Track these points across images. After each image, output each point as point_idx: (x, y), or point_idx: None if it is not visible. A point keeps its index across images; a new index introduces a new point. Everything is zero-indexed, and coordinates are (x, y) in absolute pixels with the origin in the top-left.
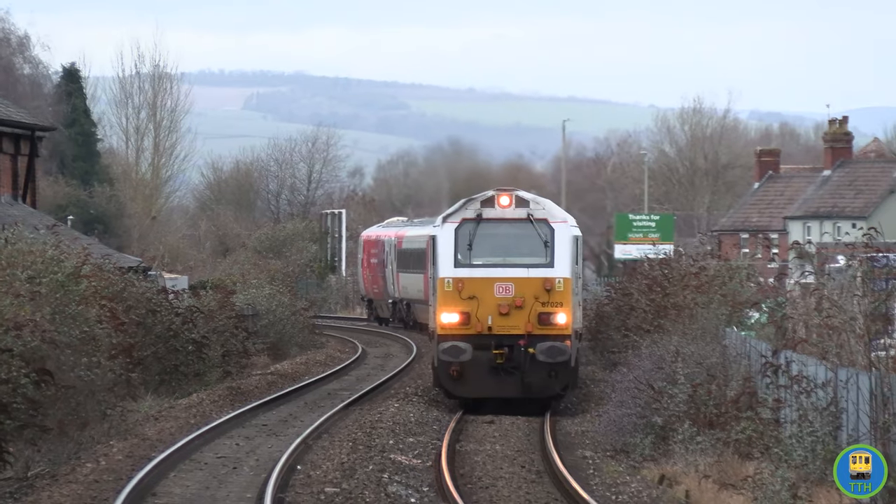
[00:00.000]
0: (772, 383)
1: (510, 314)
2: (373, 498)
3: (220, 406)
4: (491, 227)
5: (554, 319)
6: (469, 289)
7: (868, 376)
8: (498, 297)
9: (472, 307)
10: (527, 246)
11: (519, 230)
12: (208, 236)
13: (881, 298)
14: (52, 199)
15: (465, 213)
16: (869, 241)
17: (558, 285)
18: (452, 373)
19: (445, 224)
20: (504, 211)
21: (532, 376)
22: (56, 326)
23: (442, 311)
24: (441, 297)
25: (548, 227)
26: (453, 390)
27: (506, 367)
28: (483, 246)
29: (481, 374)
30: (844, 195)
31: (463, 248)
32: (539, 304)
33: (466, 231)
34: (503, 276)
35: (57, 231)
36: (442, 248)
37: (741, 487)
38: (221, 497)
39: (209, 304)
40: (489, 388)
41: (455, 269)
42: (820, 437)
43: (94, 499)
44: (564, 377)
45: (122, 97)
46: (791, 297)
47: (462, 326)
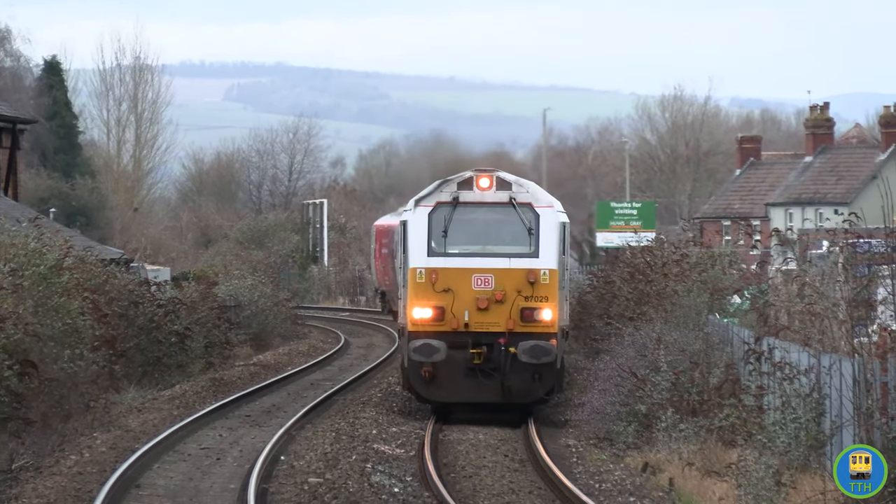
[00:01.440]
0: (755, 370)
1: (489, 309)
2: (356, 488)
3: (203, 397)
4: (469, 212)
5: (538, 316)
6: (443, 280)
7: (851, 362)
8: (476, 290)
9: (446, 301)
10: (509, 233)
11: (500, 215)
12: (190, 228)
13: (863, 284)
14: (34, 192)
15: (439, 196)
16: (850, 227)
17: (543, 277)
18: (424, 374)
19: (418, 208)
20: (483, 194)
21: (513, 379)
22: (39, 319)
23: (413, 306)
24: (412, 290)
25: (532, 212)
26: (425, 394)
27: (484, 368)
28: (460, 233)
29: (456, 375)
30: (826, 181)
31: (437, 235)
32: (522, 299)
33: (441, 216)
34: (482, 266)
35: (39, 224)
36: (413, 235)
37: (725, 475)
38: (205, 488)
39: (191, 296)
40: (465, 391)
41: (428, 258)
42: (803, 424)
43: (78, 491)
44: (549, 380)
45: (104, 89)
46: (773, 283)
47: (435, 322)
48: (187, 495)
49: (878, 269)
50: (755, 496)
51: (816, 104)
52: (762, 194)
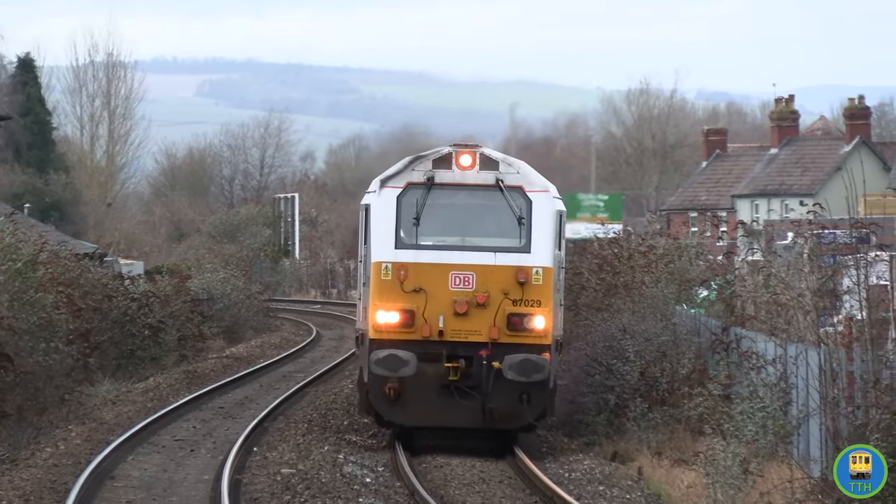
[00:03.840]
0: (722, 360)
1: (469, 314)
2: (328, 478)
3: (176, 390)
4: (446, 196)
5: (529, 324)
6: (414, 278)
7: (817, 352)
8: (454, 291)
9: (417, 303)
10: (494, 222)
11: (484, 200)
12: (163, 222)
13: (828, 275)
14: (9, 188)
15: (410, 176)
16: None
17: (536, 277)
18: (388, 392)
19: (384, 189)
20: (465, 174)
21: (496, 400)
22: (14, 313)
23: (376, 308)
24: (375, 289)
25: (523, 197)
26: (388, 415)
27: (461, 386)
28: (435, 220)
29: (427, 394)
30: (791, 173)
31: (407, 223)
32: (509, 303)
33: (412, 199)
34: (461, 261)
35: (14, 219)
36: (378, 223)
37: (693, 463)
38: (179, 479)
39: (165, 289)
40: (437, 414)
41: (396, 250)
42: (770, 413)
43: (53, 482)
44: (539, 403)
45: (77, 86)
46: (739, 274)
47: (403, 329)
48: (161, 487)
49: (842, 259)
50: (723, 484)
51: (781, 97)
52: (728, 186)
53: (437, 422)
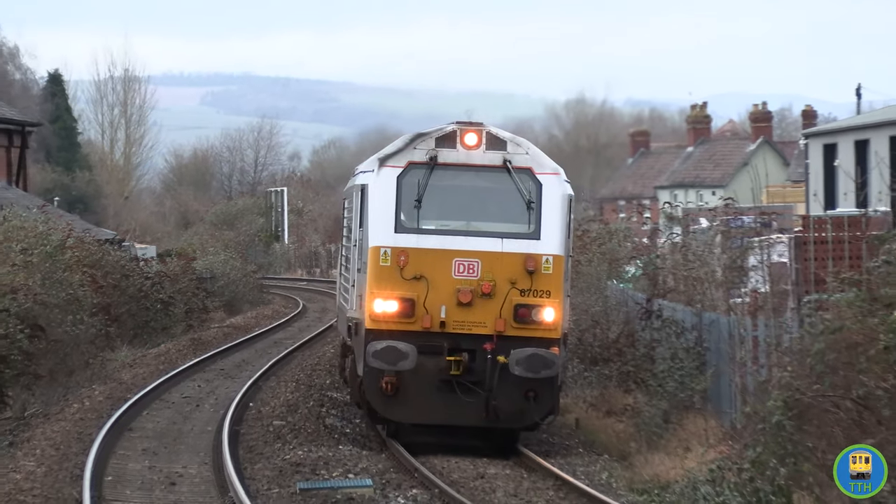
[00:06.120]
0: (647, 327)
1: (474, 305)
2: (313, 429)
3: (184, 354)
4: (450, 177)
5: (538, 315)
6: (415, 265)
7: (727, 320)
8: (457, 280)
9: (417, 292)
10: (501, 206)
11: (490, 182)
12: (172, 212)
13: (737, 254)
14: (41, 184)
15: (412, 155)
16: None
17: (545, 266)
18: (385, 386)
19: (383, 169)
20: (470, 154)
21: (502, 397)
22: (46, 290)
23: (374, 297)
24: (373, 276)
25: (533, 180)
26: (384, 411)
27: (463, 381)
28: (437, 203)
29: (427, 390)
30: (705, 168)
31: (408, 206)
32: (517, 292)
33: (414, 180)
34: (466, 248)
35: (45, 210)
36: (376, 204)
37: (622, 415)
38: (187, 430)
39: (174, 270)
40: (437, 411)
41: (395, 234)
42: (688, 372)
43: (80, 433)
44: (547, 400)
45: (98, 97)
46: (662, 253)
47: (402, 319)
48: (172, 436)
49: (749, 241)
50: (647, 432)
51: (696, 103)
52: (652, 179)
53: (437, 419)
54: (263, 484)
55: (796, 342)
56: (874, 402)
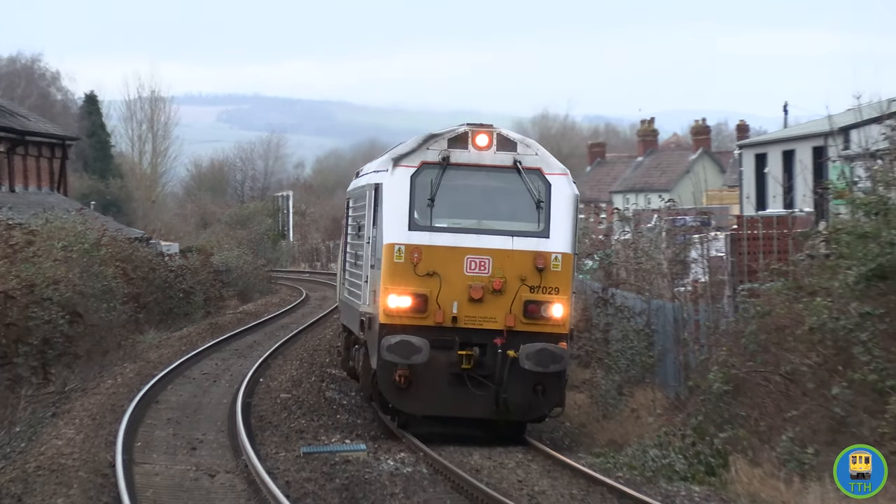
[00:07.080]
0: (602, 312)
1: (485, 300)
2: (314, 401)
3: (203, 337)
4: (462, 177)
5: (546, 311)
6: (428, 261)
7: (672, 306)
8: (469, 276)
9: (431, 288)
10: (512, 205)
11: (502, 182)
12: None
13: (680, 249)
14: (79, 190)
15: (425, 155)
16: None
17: (555, 263)
18: (398, 379)
19: (397, 169)
20: (481, 154)
21: (511, 390)
22: (84, 281)
23: (388, 292)
24: (387, 272)
25: (542, 180)
26: (397, 403)
27: (474, 374)
28: (450, 202)
29: (438, 383)
30: (653, 175)
31: (421, 204)
32: (526, 289)
33: (427, 180)
34: (477, 245)
35: (83, 213)
36: (391, 203)
37: (581, 388)
38: (206, 402)
39: (194, 263)
40: (448, 403)
41: (409, 232)
42: (638, 351)
43: (113, 406)
44: (555, 394)
45: (129, 115)
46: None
47: (416, 314)
48: (192, 408)
49: (691, 237)
50: (603, 403)
51: (645, 118)
52: (607, 185)
53: (448, 411)
54: (272, 448)
55: (732, 325)
56: (800, 376)
